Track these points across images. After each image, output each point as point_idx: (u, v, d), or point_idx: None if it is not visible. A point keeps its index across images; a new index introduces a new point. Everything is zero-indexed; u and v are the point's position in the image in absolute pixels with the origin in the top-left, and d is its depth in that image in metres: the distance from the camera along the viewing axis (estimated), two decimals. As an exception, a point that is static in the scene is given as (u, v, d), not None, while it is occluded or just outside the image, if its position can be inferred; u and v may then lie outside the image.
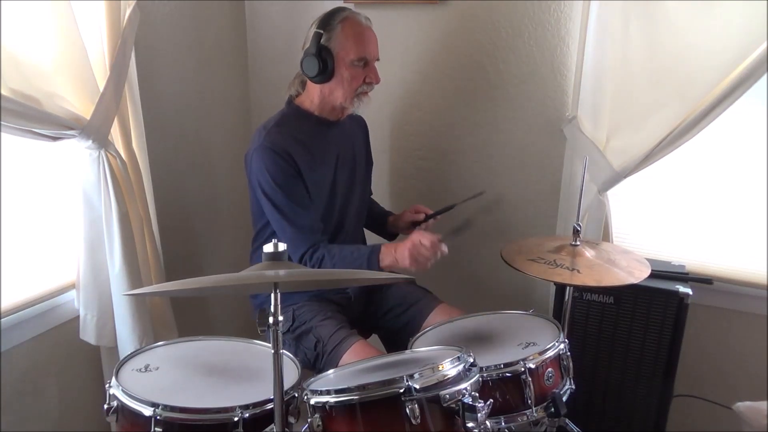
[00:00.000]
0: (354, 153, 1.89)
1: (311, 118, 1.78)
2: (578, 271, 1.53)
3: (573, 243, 1.65)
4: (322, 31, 1.67)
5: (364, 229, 2.05)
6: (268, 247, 1.16)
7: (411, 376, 1.14)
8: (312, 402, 1.20)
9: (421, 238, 1.63)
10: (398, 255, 1.66)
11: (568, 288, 1.67)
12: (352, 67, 1.68)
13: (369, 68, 1.72)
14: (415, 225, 1.92)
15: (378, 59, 1.75)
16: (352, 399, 1.15)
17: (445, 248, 1.63)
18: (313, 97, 1.77)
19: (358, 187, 1.90)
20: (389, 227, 2.03)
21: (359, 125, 1.97)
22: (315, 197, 1.76)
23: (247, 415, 1.21)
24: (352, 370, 1.38)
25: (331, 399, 1.17)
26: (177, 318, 1.97)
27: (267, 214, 1.75)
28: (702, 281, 1.89)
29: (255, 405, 1.23)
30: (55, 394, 1.82)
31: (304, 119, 1.77)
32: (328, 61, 1.67)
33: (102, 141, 1.65)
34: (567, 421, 1.52)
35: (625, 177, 1.90)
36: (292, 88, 1.82)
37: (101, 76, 1.64)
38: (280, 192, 1.68)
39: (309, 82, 1.75)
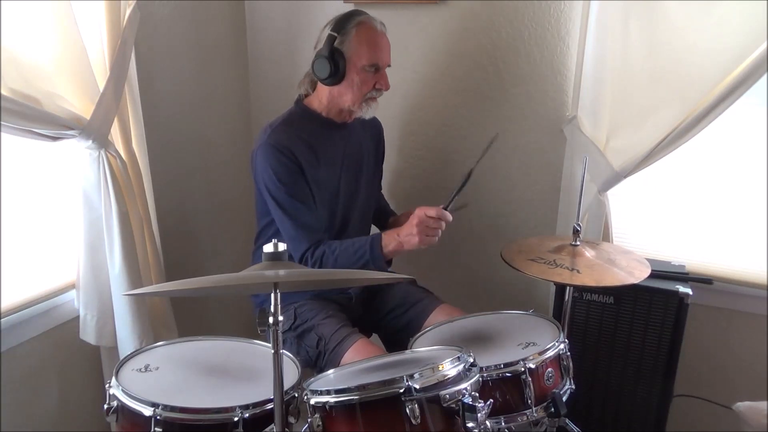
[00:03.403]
0: (360, 157, 1.89)
1: (318, 119, 1.78)
2: (578, 271, 1.53)
3: (573, 243, 1.65)
4: (336, 34, 1.66)
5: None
6: (268, 247, 1.16)
7: (411, 376, 1.14)
8: (312, 402, 1.20)
9: (425, 210, 1.59)
10: (403, 237, 1.63)
11: (568, 288, 1.67)
12: (363, 72, 1.68)
13: (380, 74, 1.72)
14: None
15: (389, 65, 1.75)
16: (352, 399, 1.15)
17: (449, 216, 1.60)
18: (321, 97, 1.77)
19: (363, 191, 1.90)
20: (390, 227, 1.94)
21: (372, 130, 1.96)
22: (317, 198, 1.76)
23: (247, 415, 1.21)
24: (352, 370, 1.38)
25: (331, 399, 1.17)
26: (177, 318, 1.97)
27: (272, 213, 1.75)
28: (702, 281, 1.89)
29: (255, 405, 1.23)
30: (55, 394, 1.82)
31: (310, 119, 1.78)
32: (340, 64, 1.67)
33: (102, 141, 1.65)
34: (567, 421, 1.52)
35: (625, 177, 1.90)
36: (302, 87, 1.82)
37: (101, 76, 1.64)
38: (283, 189, 1.69)
39: (319, 83, 1.75)
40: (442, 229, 1.61)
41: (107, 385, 1.30)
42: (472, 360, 1.26)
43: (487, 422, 1.18)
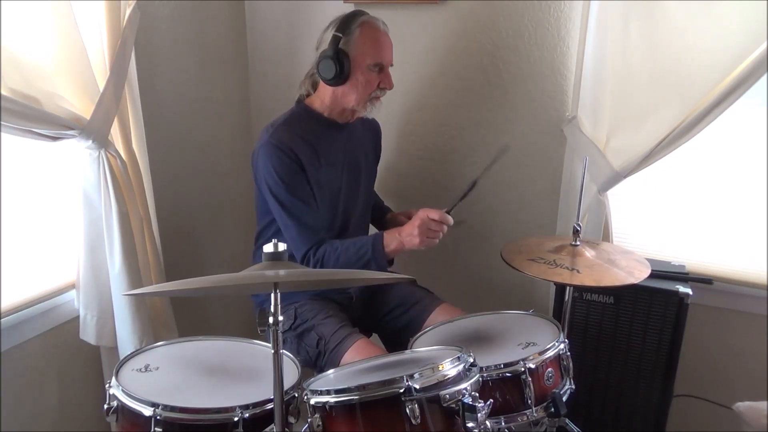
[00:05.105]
0: (360, 158, 1.89)
1: (320, 119, 1.78)
2: (578, 271, 1.53)
3: (573, 243, 1.65)
4: (340, 35, 1.67)
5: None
6: (268, 247, 1.16)
7: (411, 376, 1.14)
8: (312, 402, 1.20)
9: (428, 213, 1.62)
10: (404, 236, 1.65)
11: (568, 288, 1.67)
12: (368, 72, 1.69)
13: (384, 74, 1.73)
14: None
15: (392, 65, 1.76)
16: (352, 399, 1.15)
17: (451, 220, 1.63)
18: (324, 98, 1.77)
19: (363, 193, 1.90)
20: (387, 224, 2.00)
21: (371, 130, 1.97)
22: (318, 198, 1.75)
23: (247, 415, 1.21)
24: (352, 370, 1.38)
25: (331, 399, 1.17)
26: (177, 318, 1.97)
27: (273, 213, 1.76)
28: (702, 281, 1.90)
29: (255, 405, 1.23)
30: (55, 394, 1.82)
31: (313, 120, 1.78)
32: (345, 65, 1.67)
33: (102, 141, 1.65)
34: (567, 421, 1.52)
35: (625, 177, 1.90)
36: (302, 87, 1.83)
37: (101, 76, 1.64)
38: (284, 189, 1.69)
39: (321, 83, 1.75)
40: (443, 232, 1.64)
41: (107, 385, 1.30)
42: (472, 360, 1.26)
43: (487, 422, 1.18)
